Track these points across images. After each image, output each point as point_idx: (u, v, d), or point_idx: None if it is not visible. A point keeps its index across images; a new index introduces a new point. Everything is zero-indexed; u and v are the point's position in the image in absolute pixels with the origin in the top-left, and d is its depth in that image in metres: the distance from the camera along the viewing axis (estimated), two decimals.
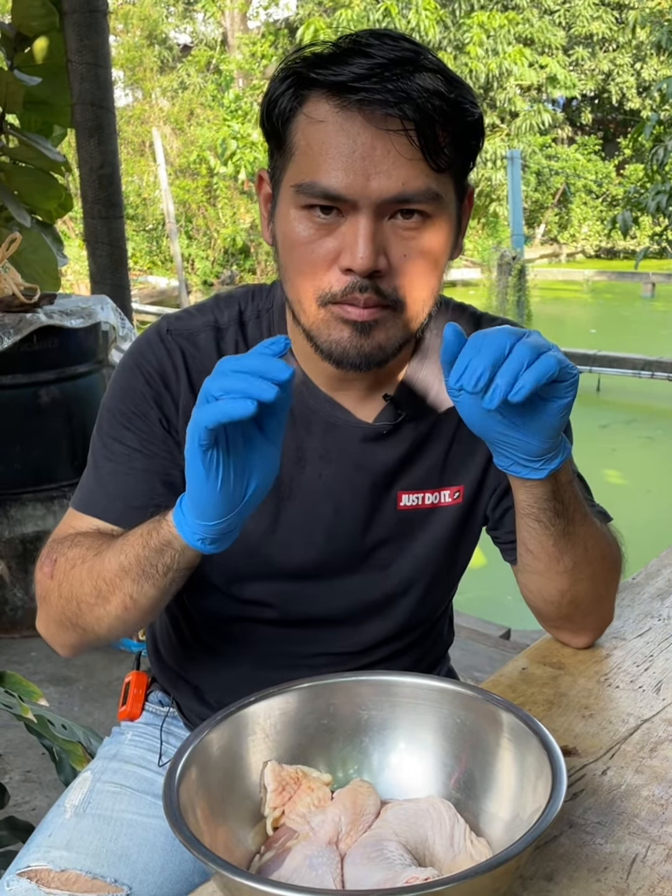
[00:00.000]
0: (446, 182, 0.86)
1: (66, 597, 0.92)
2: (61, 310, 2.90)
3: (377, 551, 1.02)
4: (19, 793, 2.19)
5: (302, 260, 0.87)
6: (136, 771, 1.06)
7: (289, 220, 0.87)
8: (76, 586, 0.91)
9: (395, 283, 0.86)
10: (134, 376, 0.98)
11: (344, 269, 0.84)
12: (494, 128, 18.12)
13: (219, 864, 0.61)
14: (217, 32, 18.37)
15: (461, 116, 0.85)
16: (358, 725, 0.82)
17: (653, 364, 8.26)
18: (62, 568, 0.93)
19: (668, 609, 1.23)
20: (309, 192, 0.84)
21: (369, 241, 0.83)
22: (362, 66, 0.81)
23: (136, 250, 14.24)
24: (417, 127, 0.81)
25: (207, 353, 0.98)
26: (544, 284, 14.42)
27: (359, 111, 0.81)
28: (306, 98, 0.84)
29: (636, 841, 0.80)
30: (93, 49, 3.24)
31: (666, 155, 6.83)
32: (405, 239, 0.85)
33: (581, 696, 1.02)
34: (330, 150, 0.82)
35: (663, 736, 0.95)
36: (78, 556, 0.92)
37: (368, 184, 0.82)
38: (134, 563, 0.85)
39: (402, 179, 0.82)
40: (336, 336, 0.88)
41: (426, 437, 1.01)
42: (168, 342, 0.99)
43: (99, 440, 1.00)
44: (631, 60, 18.83)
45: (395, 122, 0.81)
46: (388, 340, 0.89)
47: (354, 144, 0.81)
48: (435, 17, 16.20)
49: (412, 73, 0.81)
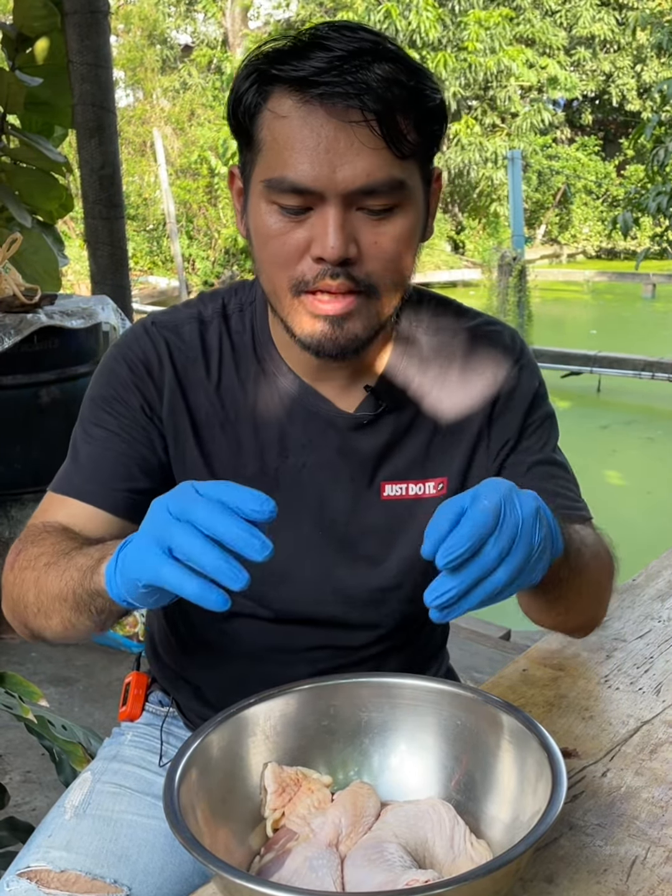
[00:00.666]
0: (411, 168, 0.88)
1: (15, 598, 0.93)
2: (62, 310, 2.90)
3: (364, 542, 1.02)
4: (19, 793, 2.19)
5: (275, 251, 0.89)
6: (136, 772, 1.06)
7: (260, 214, 0.89)
8: (24, 591, 0.91)
9: (367, 269, 0.88)
10: (118, 364, 1.00)
11: (315, 258, 0.86)
12: (494, 127, 18.13)
13: (218, 865, 0.61)
14: (218, 32, 18.37)
15: (422, 103, 0.87)
16: (358, 727, 0.82)
17: (653, 365, 8.26)
18: (20, 564, 0.93)
19: (668, 611, 1.23)
20: (278, 188, 0.86)
21: (339, 231, 0.85)
22: (322, 59, 0.82)
23: (137, 250, 14.24)
24: (379, 117, 0.83)
25: (192, 345, 1.00)
26: (545, 285, 14.42)
27: (321, 105, 0.83)
28: (270, 94, 0.86)
29: (636, 843, 0.80)
30: (94, 50, 3.24)
31: (667, 156, 6.82)
32: (374, 226, 0.87)
33: (581, 698, 1.02)
34: (295, 144, 0.84)
35: (663, 738, 0.95)
36: (33, 558, 0.91)
37: (334, 175, 0.83)
38: (70, 595, 0.84)
39: (367, 170, 0.84)
40: (309, 329, 0.90)
41: (407, 427, 1.02)
42: (153, 334, 1.01)
43: (80, 427, 1.01)
44: (631, 62, 18.84)
45: (357, 114, 0.82)
46: (363, 329, 0.91)
47: (318, 137, 0.83)
48: (435, 17, 16.21)
49: (371, 63, 0.83)
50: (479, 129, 17.62)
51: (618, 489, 5.59)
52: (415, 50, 16.46)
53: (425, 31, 16.22)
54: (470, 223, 18.64)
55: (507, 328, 1.09)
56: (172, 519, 0.67)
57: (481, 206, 18.38)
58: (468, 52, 16.74)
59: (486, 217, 18.26)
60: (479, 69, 16.84)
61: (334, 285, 0.87)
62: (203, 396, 1.00)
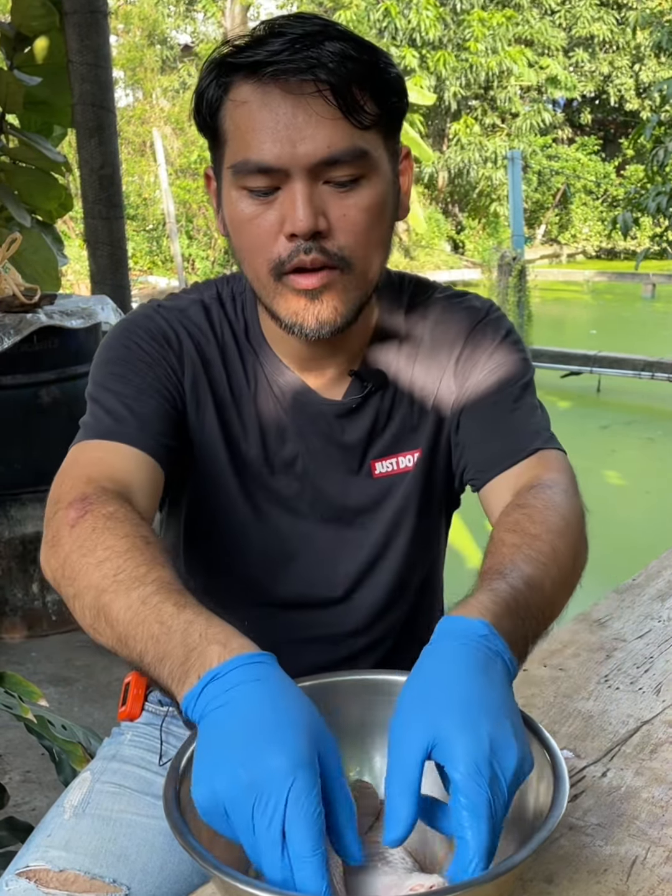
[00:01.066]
0: (374, 139, 0.89)
1: (69, 571, 0.80)
2: (61, 310, 2.90)
3: (360, 521, 1.06)
4: (19, 793, 2.19)
5: (250, 236, 0.90)
6: (136, 771, 1.06)
7: (232, 202, 0.91)
8: (79, 579, 0.79)
9: (339, 242, 0.89)
10: (136, 334, 1.00)
11: (288, 235, 0.88)
12: (494, 127, 18.13)
13: (217, 867, 0.60)
14: (218, 32, 18.37)
15: (377, 75, 0.88)
16: (360, 726, 0.82)
17: (653, 365, 8.26)
18: (84, 533, 0.80)
19: (668, 611, 1.22)
20: (244, 170, 0.88)
21: (307, 204, 0.86)
22: (275, 44, 0.85)
23: (137, 250, 14.24)
24: (332, 87, 0.84)
25: (202, 326, 1.02)
26: (545, 285, 14.41)
27: (275, 84, 0.85)
28: (230, 85, 0.88)
29: (636, 843, 0.79)
30: (93, 49, 3.24)
31: (666, 156, 6.83)
32: (341, 198, 0.88)
33: (581, 698, 1.02)
34: (255, 125, 0.86)
35: (663, 738, 0.95)
36: (100, 548, 0.78)
37: (296, 150, 0.85)
38: (129, 655, 0.73)
39: (326, 140, 0.85)
40: (293, 307, 0.91)
41: (390, 406, 1.05)
42: (164, 314, 1.02)
43: (96, 387, 0.98)
44: (630, 63, 18.85)
45: (311, 86, 0.84)
46: (343, 304, 0.92)
47: (277, 115, 0.85)
48: (435, 16, 16.20)
49: (322, 42, 0.85)
50: (479, 129, 17.63)
51: (617, 489, 5.59)
52: (414, 48, 16.48)
53: (425, 29, 16.23)
54: (470, 223, 18.64)
55: (479, 298, 1.10)
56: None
57: (481, 206, 18.39)
58: (469, 52, 16.75)
59: (486, 217, 18.27)
60: (481, 70, 16.85)
61: (308, 260, 0.88)
62: (218, 374, 1.02)
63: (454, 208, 18.85)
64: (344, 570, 1.07)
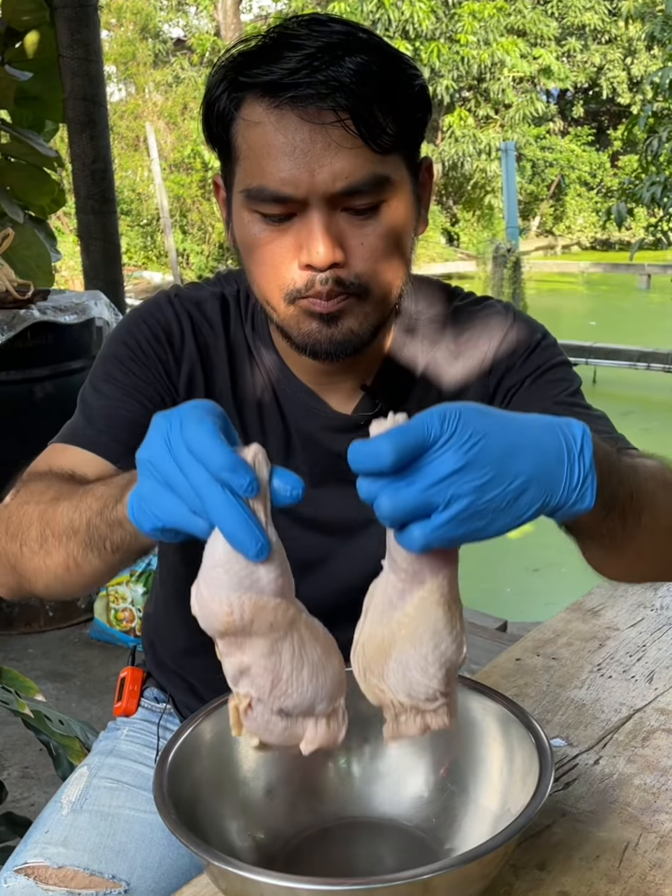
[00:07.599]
0: (395, 162, 0.85)
1: (11, 533, 0.84)
2: (55, 306, 2.89)
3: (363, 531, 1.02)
4: (17, 789, 2.19)
5: (263, 261, 0.87)
6: (133, 767, 1.06)
7: (244, 224, 0.87)
8: (24, 526, 0.83)
9: (356, 271, 0.86)
10: (138, 329, 0.98)
11: (303, 266, 0.84)
12: (488, 119, 18.10)
13: (203, 849, 0.61)
14: (210, 25, 18.30)
15: (400, 91, 0.84)
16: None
17: (649, 355, 8.27)
18: (19, 499, 0.85)
19: (660, 599, 1.23)
20: (258, 197, 0.84)
21: (325, 235, 0.82)
22: (291, 59, 0.79)
23: (131, 245, 14.21)
24: (353, 114, 0.80)
25: (214, 322, 1.00)
26: (540, 277, 14.42)
27: (292, 108, 0.80)
28: (242, 101, 0.84)
29: (628, 829, 0.80)
30: (84, 44, 3.23)
31: (660, 146, 6.82)
32: (361, 227, 0.85)
33: (574, 686, 1.03)
34: (271, 151, 0.82)
35: (655, 725, 0.96)
36: (37, 492, 0.84)
37: (313, 180, 0.81)
38: (84, 527, 0.76)
39: (346, 171, 0.81)
40: (306, 329, 0.88)
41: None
42: (177, 305, 1.00)
43: (89, 385, 0.98)
44: (622, 55, 18.82)
45: (330, 115, 0.80)
46: (359, 326, 0.89)
47: (294, 143, 0.81)
48: (428, 8, 16.16)
49: (342, 57, 0.79)
50: (473, 121, 17.60)
51: None
52: (407, 41, 16.43)
53: (419, 21, 16.18)
54: (464, 215, 18.62)
55: (499, 302, 1.06)
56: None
57: (475, 198, 18.37)
58: (461, 45, 16.71)
59: (481, 209, 18.25)
60: (473, 62, 16.82)
61: (324, 291, 0.85)
62: (221, 375, 0.99)
63: (448, 201, 18.82)
64: (349, 582, 1.05)
